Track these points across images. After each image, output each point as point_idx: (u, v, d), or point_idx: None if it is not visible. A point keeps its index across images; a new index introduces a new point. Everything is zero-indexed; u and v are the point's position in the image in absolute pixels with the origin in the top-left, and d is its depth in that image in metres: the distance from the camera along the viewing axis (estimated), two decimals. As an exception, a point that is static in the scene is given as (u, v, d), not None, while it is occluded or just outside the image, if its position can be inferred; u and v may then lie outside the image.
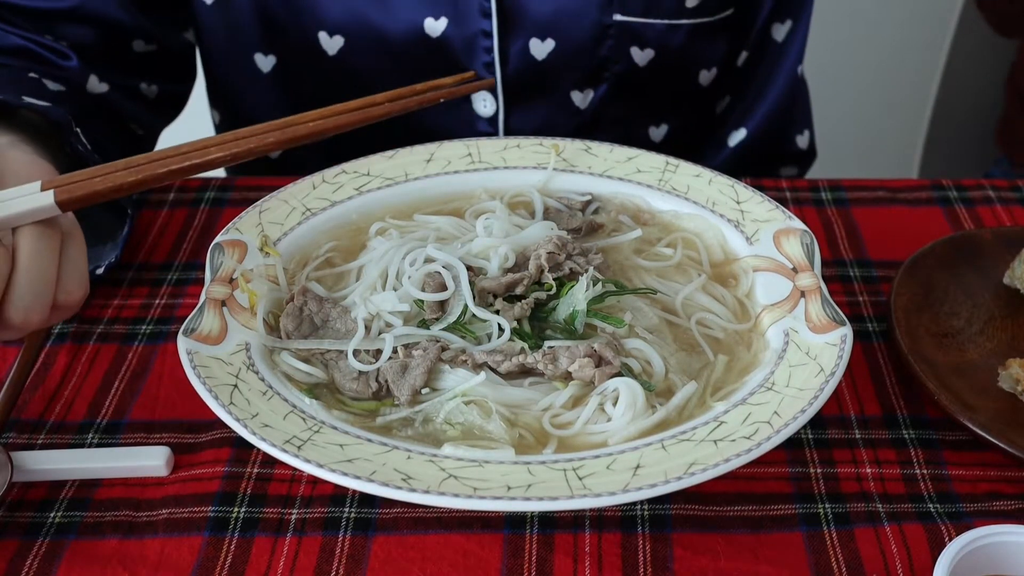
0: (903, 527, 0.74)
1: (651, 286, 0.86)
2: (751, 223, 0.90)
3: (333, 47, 1.16)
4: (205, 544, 0.73)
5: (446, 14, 1.12)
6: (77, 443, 0.81)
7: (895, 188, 1.11)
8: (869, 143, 2.47)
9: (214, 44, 1.22)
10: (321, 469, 0.66)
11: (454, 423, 0.74)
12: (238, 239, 0.86)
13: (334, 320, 0.81)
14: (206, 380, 0.72)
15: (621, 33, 1.14)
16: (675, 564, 0.72)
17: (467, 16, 1.12)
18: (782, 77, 1.25)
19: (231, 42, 1.20)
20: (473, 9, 1.11)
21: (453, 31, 1.12)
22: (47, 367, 0.88)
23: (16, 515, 0.75)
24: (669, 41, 1.16)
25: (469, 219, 0.92)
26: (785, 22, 1.22)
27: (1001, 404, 0.82)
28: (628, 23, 1.14)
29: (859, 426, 0.83)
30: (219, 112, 1.31)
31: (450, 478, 0.67)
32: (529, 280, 0.82)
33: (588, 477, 0.67)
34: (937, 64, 1.80)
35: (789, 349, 0.77)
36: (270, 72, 1.20)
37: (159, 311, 0.94)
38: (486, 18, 1.12)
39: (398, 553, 0.72)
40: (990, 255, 0.96)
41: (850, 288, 0.97)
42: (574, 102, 1.19)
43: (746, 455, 0.68)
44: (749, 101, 1.26)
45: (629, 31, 1.14)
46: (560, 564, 0.72)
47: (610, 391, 0.75)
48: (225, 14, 1.18)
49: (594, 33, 1.14)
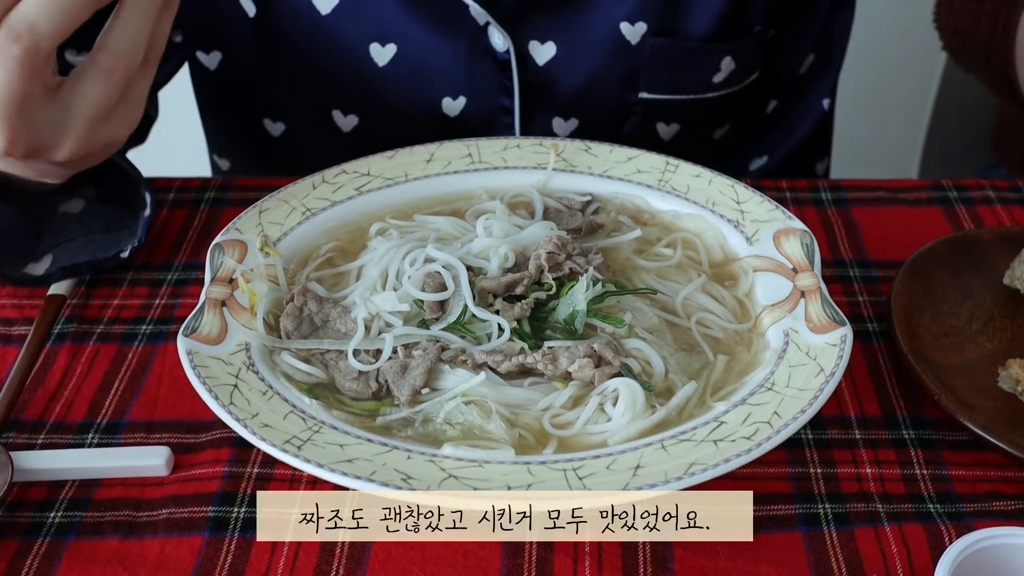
0: (903, 527, 0.74)
1: (651, 286, 0.86)
2: (751, 223, 0.90)
3: (348, 125, 1.14)
4: (205, 544, 0.73)
5: (464, 93, 1.09)
6: (77, 443, 0.81)
7: (895, 188, 1.11)
8: (869, 143, 2.46)
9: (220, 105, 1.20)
10: (321, 469, 0.66)
11: (454, 423, 0.74)
12: (238, 239, 0.86)
13: (334, 320, 0.81)
14: (206, 380, 0.72)
15: (646, 110, 1.11)
16: (675, 564, 0.72)
17: (486, 93, 1.09)
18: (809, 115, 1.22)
19: (238, 106, 1.19)
20: (493, 86, 1.09)
21: (472, 109, 1.10)
22: (47, 367, 0.88)
23: (16, 515, 0.75)
24: (695, 114, 1.13)
25: (469, 219, 0.92)
26: (808, 57, 1.19)
27: (1001, 404, 0.82)
28: (654, 100, 1.10)
29: (859, 426, 0.83)
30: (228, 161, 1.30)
31: (450, 478, 0.67)
32: (529, 280, 0.82)
33: (588, 477, 0.67)
34: (937, 64, 1.80)
35: (789, 349, 0.77)
36: (279, 137, 1.19)
37: (159, 311, 0.94)
38: (507, 96, 1.09)
39: (398, 553, 0.72)
40: (990, 255, 0.96)
41: (850, 288, 0.97)
42: None
43: (746, 455, 0.68)
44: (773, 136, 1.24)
45: (654, 107, 1.11)
46: (560, 564, 0.72)
47: (610, 391, 0.75)
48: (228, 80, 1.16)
49: (619, 111, 1.11)
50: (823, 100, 1.23)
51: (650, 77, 1.10)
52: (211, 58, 1.17)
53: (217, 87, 1.20)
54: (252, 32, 1.12)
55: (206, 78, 1.19)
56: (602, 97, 1.10)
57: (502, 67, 1.08)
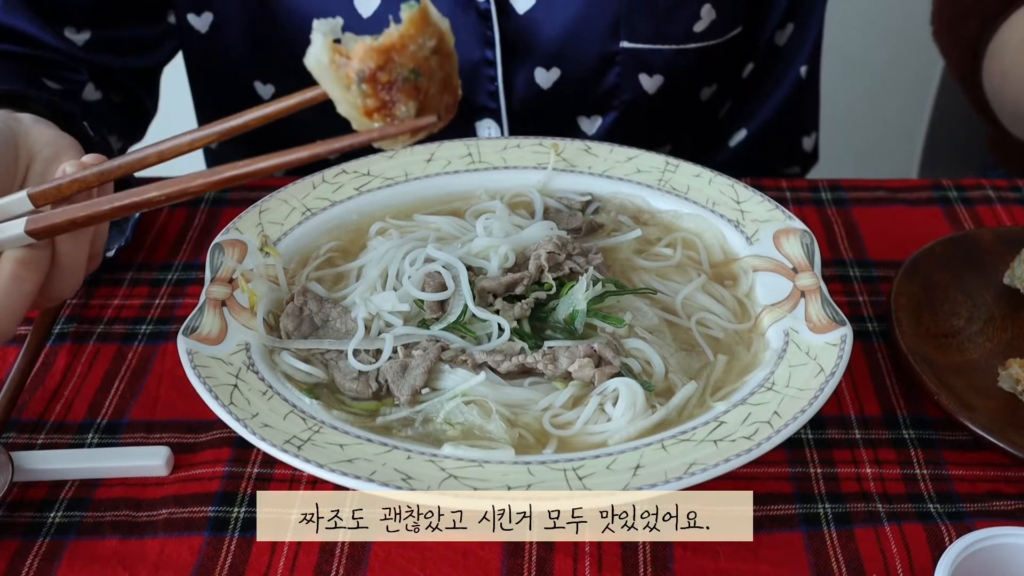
0: (903, 527, 0.74)
1: (651, 286, 0.86)
2: (751, 223, 0.90)
3: None
4: (205, 544, 0.73)
5: None
6: (77, 443, 0.81)
7: (895, 188, 1.11)
8: (869, 143, 2.46)
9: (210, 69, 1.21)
10: (321, 469, 0.66)
11: (454, 423, 0.74)
12: (238, 239, 0.86)
13: (334, 320, 0.81)
14: (206, 380, 0.72)
15: (629, 60, 1.12)
16: (675, 564, 0.72)
17: (468, 46, 1.09)
18: (785, 81, 1.23)
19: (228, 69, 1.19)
20: (473, 38, 1.09)
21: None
22: (47, 367, 0.88)
23: (16, 515, 0.75)
24: (677, 66, 1.14)
25: (469, 219, 0.92)
26: (787, 27, 1.21)
27: (1001, 404, 0.82)
28: (636, 50, 1.11)
29: (859, 426, 0.83)
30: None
31: (450, 478, 0.67)
32: (529, 280, 0.82)
33: (588, 477, 0.67)
34: (937, 64, 1.80)
35: (789, 349, 0.77)
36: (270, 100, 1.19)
37: (159, 311, 0.94)
38: (489, 47, 1.10)
39: (398, 553, 0.72)
40: (990, 255, 0.96)
41: (850, 288, 0.97)
42: (581, 128, 1.18)
43: (746, 455, 0.68)
44: (752, 105, 1.25)
45: (637, 58, 1.12)
46: (560, 564, 0.72)
47: (610, 391, 0.75)
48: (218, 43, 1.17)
49: (601, 61, 1.12)
50: (800, 67, 1.24)
51: (631, 25, 1.11)
52: (202, 20, 1.17)
53: (208, 51, 1.20)
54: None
55: (196, 41, 1.19)
56: (584, 46, 1.11)
57: (483, 17, 1.09)
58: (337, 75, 0.61)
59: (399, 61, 0.60)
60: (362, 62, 0.60)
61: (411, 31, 0.60)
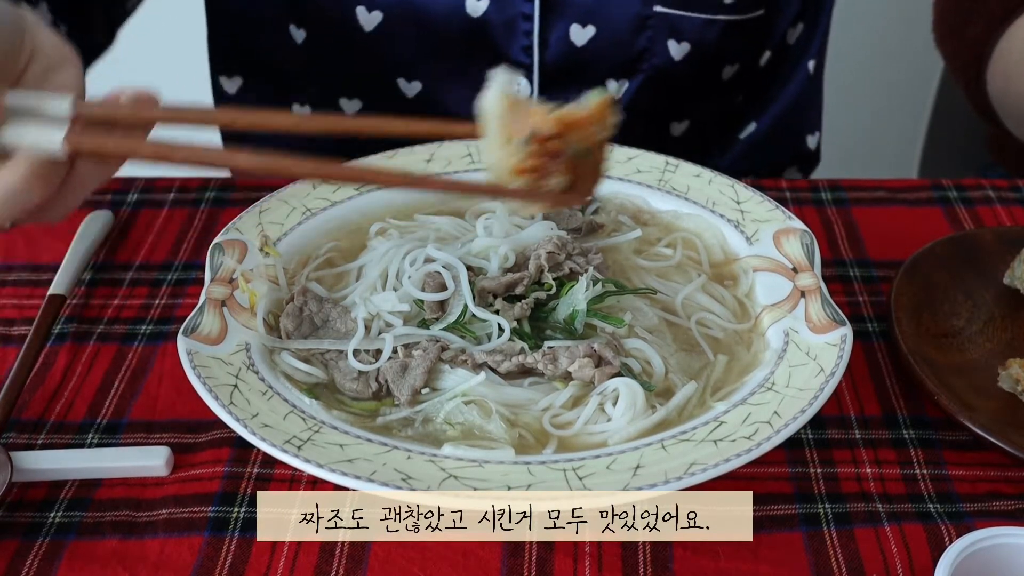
0: (903, 527, 0.74)
1: (651, 286, 0.86)
2: (751, 223, 0.90)
3: (371, 23, 1.14)
4: (205, 544, 0.73)
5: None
6: (77, 443, 0.81)
7: (895, 188, 1.11)
8: (869, 143, 2.46)
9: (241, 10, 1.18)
10: (321, 469, 0.66)
11: (454, 423, 0.74)
12: (238, 239, 0.86)
13: (334, 320, 0.81)
14: (206, 380, 0.72)
15: (660, 24, 1.14)
16: (675, 564, 0.72)
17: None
18: (794, 78, 1.26)
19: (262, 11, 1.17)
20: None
21: (494, 12, 1.12)
22: (47, 367, 0.88)
23: (16, 515, 0.75)
24: (704, 37, 1.16)
25: (469, 219, 0.92)
26: (797, 26, 1.23)
27: (1001, 404, 0.82)
28: (668, 15, 1.14)
29: (859, 426, 0.83)
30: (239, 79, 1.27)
31: (450, 478, 0.67)
32: (529, 280, 0.82)
33: (588, 477, 0.67)
34: (937, 64, 1.80)
35: (789, 349, 0.77)
36: (301, 44, 1.18)
37: (159, 311, 0.94)
38: (528, 1, 1.11)
39: (398, 553, 0.72)
40: (990, 255, 0.96)
41: (850, 288, 0.97)
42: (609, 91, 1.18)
43: (746, 455, 0.68)
44: (762, 100, 1.26)
45: (668, 23, 1.14)
46: (560, 564, 0.72)
47: (610, 391, 0.75)
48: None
49: (634, 22, 1.14)
50: (808, 62, 1.26)
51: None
52: None
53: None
54: None
55: None
56: (620, 7, 1.13)
57: None
58: (504, 126, 0.63)
59: (574, 137, 0.63)
60: (539, 125, 0.62)
61: (595, 115, 0.63)
